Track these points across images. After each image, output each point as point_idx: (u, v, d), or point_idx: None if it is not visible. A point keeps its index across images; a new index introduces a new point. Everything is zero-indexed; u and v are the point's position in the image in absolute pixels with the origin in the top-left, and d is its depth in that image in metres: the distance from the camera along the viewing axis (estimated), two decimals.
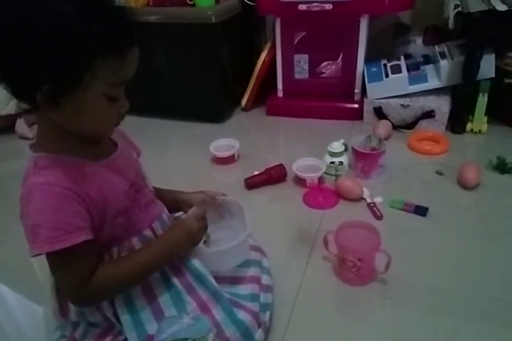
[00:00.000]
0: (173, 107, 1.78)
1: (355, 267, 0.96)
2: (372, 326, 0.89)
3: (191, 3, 1.55)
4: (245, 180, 1.36)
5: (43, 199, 0.66)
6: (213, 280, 0.85)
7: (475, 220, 1.17)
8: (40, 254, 0.68)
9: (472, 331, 0.87)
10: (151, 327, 0.78)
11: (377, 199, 1.25)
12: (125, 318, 0.78)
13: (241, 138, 1.54)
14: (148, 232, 0.82)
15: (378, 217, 1.19)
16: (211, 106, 1.76)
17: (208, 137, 1.59)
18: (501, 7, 1.31)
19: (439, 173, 1.36)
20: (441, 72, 1.55)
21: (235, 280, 0.91)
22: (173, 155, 1.61)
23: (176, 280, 0.83)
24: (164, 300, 0.81)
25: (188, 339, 0.78)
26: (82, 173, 0.70)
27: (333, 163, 1.36)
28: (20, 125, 1.74)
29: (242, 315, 0.82)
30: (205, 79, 1.68)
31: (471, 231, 1.13)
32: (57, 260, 0.69)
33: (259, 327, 0.84)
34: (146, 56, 0.68)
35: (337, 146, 1.37)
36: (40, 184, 0.67)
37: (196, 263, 0.86)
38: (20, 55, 0.60)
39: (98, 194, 0.71)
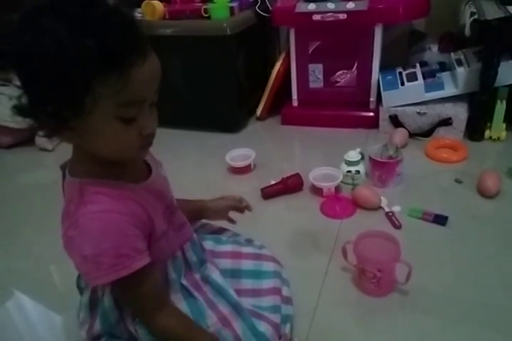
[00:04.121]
0: (188, 118, 1.80)
1: (375, 278, 0.95)
2: (393, 337, 0.88)
3: (206, 15, 1.57)
4: (262, 189, 1.36)
5: (104, 228, 0.64)
6: (234, 294, 0.84)
7: (495, 229, 1.15)
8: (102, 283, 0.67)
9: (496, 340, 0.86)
10: None
11: (396, 209, 1.24)
12: (146, 333, 0.77)
13: (257, 148, 1.54)
14: (178, 253, 0.82)
15: (397, 226, 1.18)
16: (226, 117, 1.77)
17: (223, 147, 1.61)
18: None
19: (458, 181, 1.34)
20: (458, 80, 1.54)
21: (256, 293, 0.90)
22: (189, 165, 1.62)
23: (196, 295, 0.82)
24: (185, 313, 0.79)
25: None
26: (130, 197, 0.68)
27: (349, 171, 1.36)
28: (40, 137, 1.77)
29: (263, 327, 0.81)
30: (220, 90, 1.70)
31: (491, 241, 1.11)
32: (126, 285, 0.68)
33: (280, 339, 0.83)
34: (162, 68, 0.63)
35: (353, 155, 1.37)
36: (98, 212, 0.64)
37: (216, 276, 0.86)
38: (20, 76, 0.58)
39: (146, 217, 0.70)
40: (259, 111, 1.85)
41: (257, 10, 1.67)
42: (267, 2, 1.69)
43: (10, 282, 1.14)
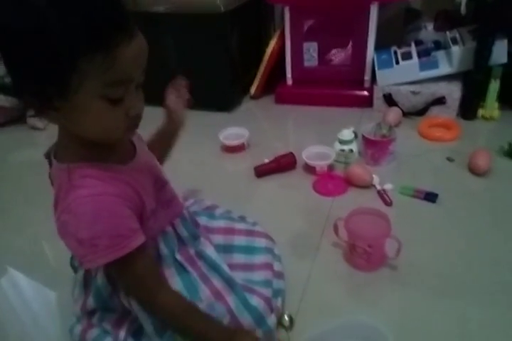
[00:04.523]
0: None
1: (365, 253, 0.97)
2: (381, 311, 0.90)
3: None
4: (255, 168, 1.37)
5: (96, 211, 0.64)
6: (227, 269, 0.86)
7: (485, 207, 1.17)
8: (99, 265, 0.66)
9: (481, 314, 0.88)
10: None
11: (387, 186, 1.25)
12: (139, 307, 0.79)
13: (250, 127, 1.54)
14: (169, 229, 0.82)
15: (388, 203, 1.19)
16: (220, 95, 1.76)
17: (216, 126, 1.60)
18: None
19: (450, 160, 1.36)
20: (452, 58, 1.53)
21: (248, 267, 0.92)
22: (181, 143, 1.60)
23: (190, 269, 0.84)
24: (178, 288, 0.81)
25: None
26: (119, 178, 0.68)
27: (343, 150, 1.37)
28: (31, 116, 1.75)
29: (255, 301, 0.83)
30: (214, 68, 1.68)
31: (480, 218, 1.13)
32: (120, 265, 0.67)
33: (272, 312, 0.85)
34: (154, 46, 0.62)
35: (347, 134, 1.37)
36: (89, 196, 0.64)
37: (210, 252, 0.87)
38: (4, 54, 0.56)
39: (137, 197, 0.70)
40: (253, 90, 1.84)
41: None
42: None
43: (3, 258, 1.16)
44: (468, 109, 1.56)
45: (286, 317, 0.88)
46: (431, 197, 1.20)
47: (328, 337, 0.82)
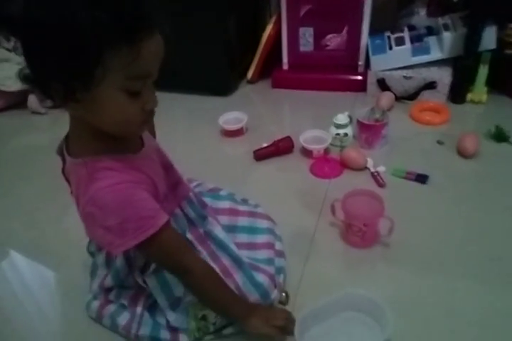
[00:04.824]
0: (178, 80, 1.77)
1: (360, 232, 1.04)
2: (375, 284, 0.98)
3: None
4: (254, 152, 1.42)
5: (118, 199, 0.68)
6: (235, 248, 0.92)
7: (472, 187, 1.24)
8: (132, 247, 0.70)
9: (468, 287, 0.96)
10: (179, 290, 0.86)
11: (381, 169, 1.32)
12: (153, 284, 0.85)
13: (247, 111, 1.58)
14: (178, 211, 0.87)
15: (381, 185, 1.26)
16: (217, 79, 1.78)
17: (214, 110, 1.64)
18: None
19: (440, 143, 1.42)
20: (443, 44, 1.57)
21: (251, 246, 0.98)
22: (181, 128, 1.64)
23: (200, 248, 0.89)
24: None
25: None
26: (133, 167, 0.71)
27: (338, 134, 1.42)
28: (32, 100, 1.78)
29: (260, 278, 0.89)
30: (211, 52, 1.69)
31: (468, 198, 1.20)
32: (149, 243, 0.70)
33: (275, 288, 0.91)
34: None
35: (342, 118, 1.42)
36: (108, 186, 0.67)
37: (218, 232, 0.93)
38: (28, 46, 0.58)
39: (151, 182, 0.74)
40: (250, 74, 1.86)
41: None
42: None
43: (5, 241, 1.21)
44: (457, 94, 1.61)
45: (282, 294, 0.95)
46: (422, 178, 1.26)
47: (328, 310, 0.88)
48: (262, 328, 0.81)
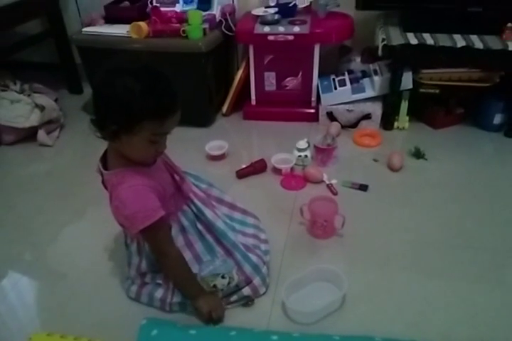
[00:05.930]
0: None
1: (322, 226, 1.38)
2: (335, 264, 1.25)
3: (184, 35, 1.83)
4: (236, 171, 1.70)
5: (134, 196, 0.97)
6: (232, 236, 1.18)
7: (400, 193, 1.60)
8: (139, 230, 0.97)
9: (400, 263, 1.29)
10: (195, 268, 1.12)
11: (333, 181, 1.63)
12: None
13: (225, 139, 1.85)
14: (186, 208, 1.15)
15: (334, 193, 1.60)
16: (199, 114, 2.00)
17: (197, 139, 1.90)
18: (414, 41, 1.74)
19: (375, 160, 1.76)
20: (375, 85, 1.93)
21: (243, 234, 1.26)
22: (170, 154, 1.84)
23: (208, 236, 1.17)
24: (201, 250, 1.15)
25: (219, 274, 1.12)
26: (147, 175, 1.00)
27: (300, 156, 1.73)
28: (41, 134, 1.97)
29: (253, 257, 1.18)
30: (194, 92, 1.93)
31: (398, 201, 1.55)
32: (150, 231, 0.98)
33: (264, 264, 1.21)
34: None
35: (302, 144, 1.74)
36: (128, 186, 0.96)
37: (220, 224, 1.18)
38: (101, 108, 0.90)
39: (159, 186, 1.04)
40: (224, 109, 2.14)
41: (224, 30, 1.97)
42: (230, 23, 2.00)
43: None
44: (387, 122, 1.96)
45: (249, 302, 1.17)
46: (363, 187, 1.61)
47: (303, 280, 1.19)
48: (201, 309, 1.09)
